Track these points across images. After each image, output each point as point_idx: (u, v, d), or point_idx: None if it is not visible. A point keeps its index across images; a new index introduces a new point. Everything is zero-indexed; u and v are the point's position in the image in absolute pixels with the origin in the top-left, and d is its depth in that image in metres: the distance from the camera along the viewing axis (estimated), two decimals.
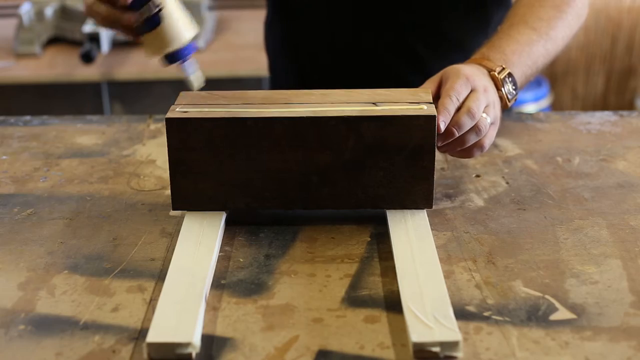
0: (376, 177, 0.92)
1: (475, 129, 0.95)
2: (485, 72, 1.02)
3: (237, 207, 0.95)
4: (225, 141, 0.91)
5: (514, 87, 1.03)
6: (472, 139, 0.95)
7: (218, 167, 0.92)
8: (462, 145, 0.95)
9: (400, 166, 0.92)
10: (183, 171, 0.92)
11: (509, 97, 1.02)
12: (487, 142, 0.97)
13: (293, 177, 0.92)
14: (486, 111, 0.96)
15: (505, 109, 1.02)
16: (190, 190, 0.93)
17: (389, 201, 0.94)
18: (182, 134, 0.91)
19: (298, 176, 0.92)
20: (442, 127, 0.91)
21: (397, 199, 0.94)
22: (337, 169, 0.92)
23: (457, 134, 0.93)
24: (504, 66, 1.03)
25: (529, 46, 1.08)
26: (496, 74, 1.02)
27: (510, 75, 1.03)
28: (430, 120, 0.90)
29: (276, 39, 1.45)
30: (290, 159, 0.91)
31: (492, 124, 0.97)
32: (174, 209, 0.95)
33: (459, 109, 0.94)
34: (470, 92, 0.96)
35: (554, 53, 1.12)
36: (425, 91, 0.97)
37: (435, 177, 0.93)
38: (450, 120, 0.93)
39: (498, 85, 1.01)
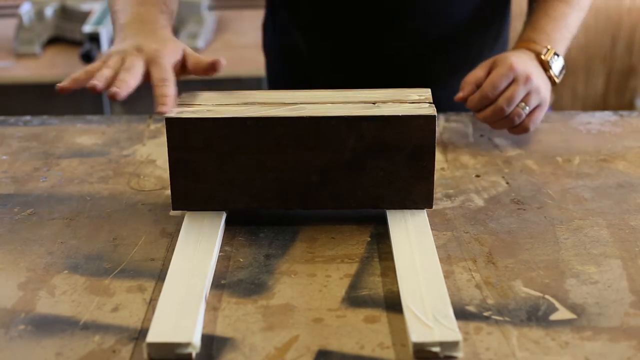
0: (376, 177, 0.92)
1: (510, 117, 1.10)
2: (533, 56, 1.14)
3: (237, 207, 0.95)
4: (225, 141, 0.91)
5: (560, 65, 1.15)
6: (505, 125, 1.11)
7: (218, 167, 0.92)
8: (500, 127, 1.13)
9: (400, 166, 0.92)
10: (183, 171, 0.92)
11: (557, 75, 1.15)
12: (532, 125, 1.12)
13: (293, 177, 0.92)
14: (526, 99, 1.10)
15: (554, 85, 1.15)
16: (190, 190, 0.93)
17: (389, 201, 0.94)
18: (182, 134, 0.91)
19: (298, 176, 0.92)
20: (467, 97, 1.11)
21: (397, 199, 0.93)
22: (337, 169, 0.92)
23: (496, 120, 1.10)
24: (548, 47, 1.15)
25: (565, 20, 1.19)
26: (543, 56, 1.14)
27: (555, 54, 1.15)
28: (430, 120, 0.90)
29: (274, 40, 1.45)
30: (290, 159, 0.91)
31: (537, 106, 1.11)
32: (174, 209, 0.95)
33: (495, 100, 1.09)
34: (511, 83, 1.09)
35: (583, 18, 1.24)
36: (425, 91, 0.97)
37: (435, 177, 0.93)
38: (483, 112, 1.10)
39: (546, 67, 1.13)
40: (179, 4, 1.17)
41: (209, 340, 0.75)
